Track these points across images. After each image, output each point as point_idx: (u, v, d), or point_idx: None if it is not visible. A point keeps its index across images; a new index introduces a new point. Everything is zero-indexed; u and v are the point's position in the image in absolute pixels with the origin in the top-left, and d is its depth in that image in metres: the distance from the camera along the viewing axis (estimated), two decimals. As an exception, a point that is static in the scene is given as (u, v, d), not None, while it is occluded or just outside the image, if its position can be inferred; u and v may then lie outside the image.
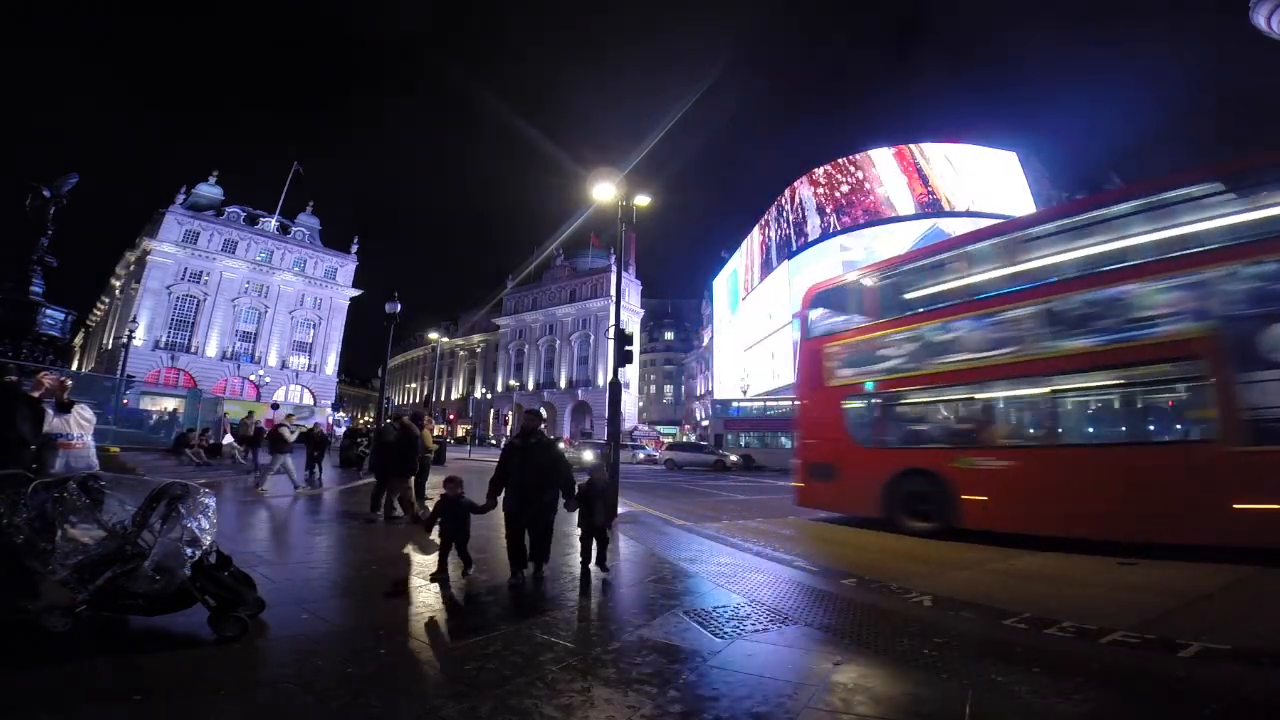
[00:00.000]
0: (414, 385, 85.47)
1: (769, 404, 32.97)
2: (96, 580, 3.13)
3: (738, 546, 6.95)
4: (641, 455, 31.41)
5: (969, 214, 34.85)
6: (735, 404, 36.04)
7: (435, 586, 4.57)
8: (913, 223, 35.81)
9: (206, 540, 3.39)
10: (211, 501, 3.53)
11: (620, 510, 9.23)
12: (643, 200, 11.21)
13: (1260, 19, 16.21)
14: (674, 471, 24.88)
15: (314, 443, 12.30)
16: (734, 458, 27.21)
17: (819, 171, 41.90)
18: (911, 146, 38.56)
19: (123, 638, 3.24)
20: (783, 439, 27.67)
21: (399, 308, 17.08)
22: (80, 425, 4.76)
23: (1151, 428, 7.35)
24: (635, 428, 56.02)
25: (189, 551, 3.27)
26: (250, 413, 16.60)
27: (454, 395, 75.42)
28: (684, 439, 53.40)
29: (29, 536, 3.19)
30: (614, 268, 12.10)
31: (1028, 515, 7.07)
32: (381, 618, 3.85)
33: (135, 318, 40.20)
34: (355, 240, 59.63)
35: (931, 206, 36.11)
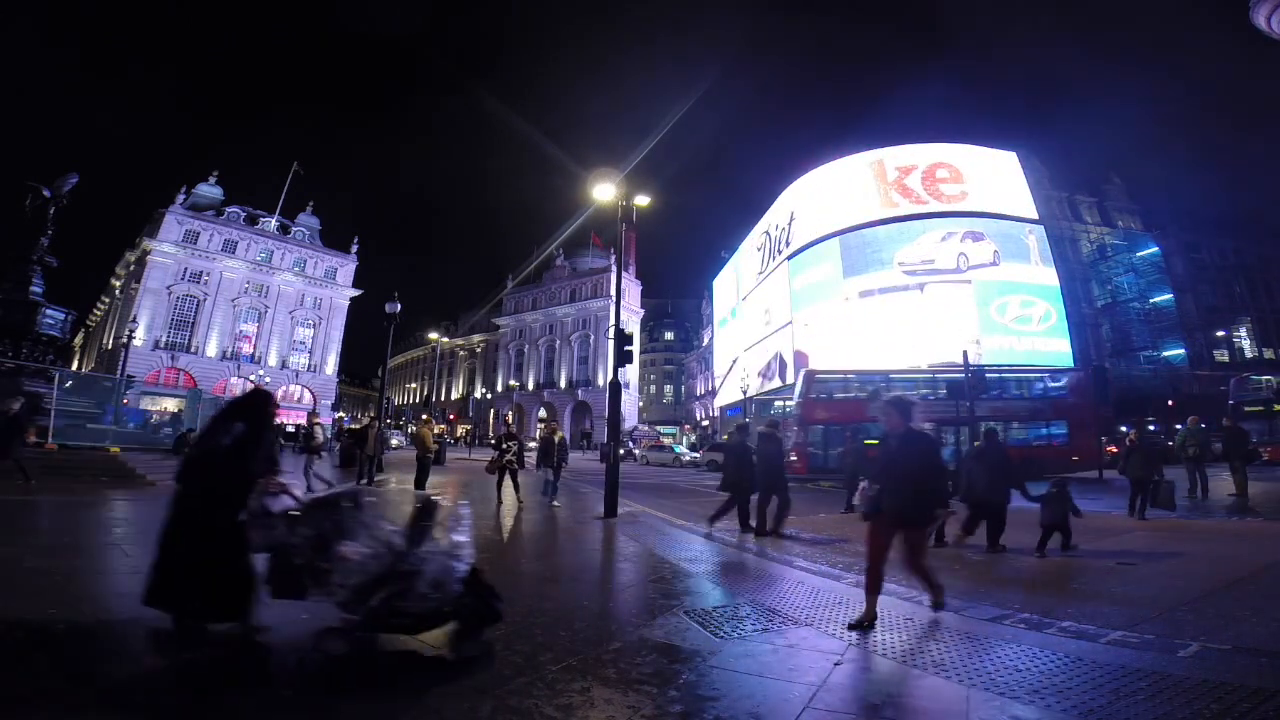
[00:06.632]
0: (414, 385, 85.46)
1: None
2: (371, 600, 3.05)
3: (738, 547, 6.95)
4: (686, 458, 30.76)
5: (971, 214, 34.87)
6: (779, 402, 32.18)
7: None
8: (913, 222, 35.79)
9: (467, 552, 3.38)
10: (467, 512, 3.55)
11: (620, 510, 9.23)
12: (642, 200, 11.22)
13: (1260, 19, 16.18)
14: (716, 471, 24.13)
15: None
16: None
17: (816, 172, 41.88)
18: (905, 147, 38.53)
19: (378, 660, 3.12)
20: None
21: (399, 308, 17.09)
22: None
23: None
24: (635, 428, 55.99)
25: (458, 565, 3.24)
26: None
27: (454, 395, 75.40)
28: (685, 439, 53.35)
29: (309, 558, 3.12)
30: (614, 268, 12.09)
31: None
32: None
33: (135, 318, 40.20)
34: (355, 240, 59.64)
35: (930, 206, 36.09)
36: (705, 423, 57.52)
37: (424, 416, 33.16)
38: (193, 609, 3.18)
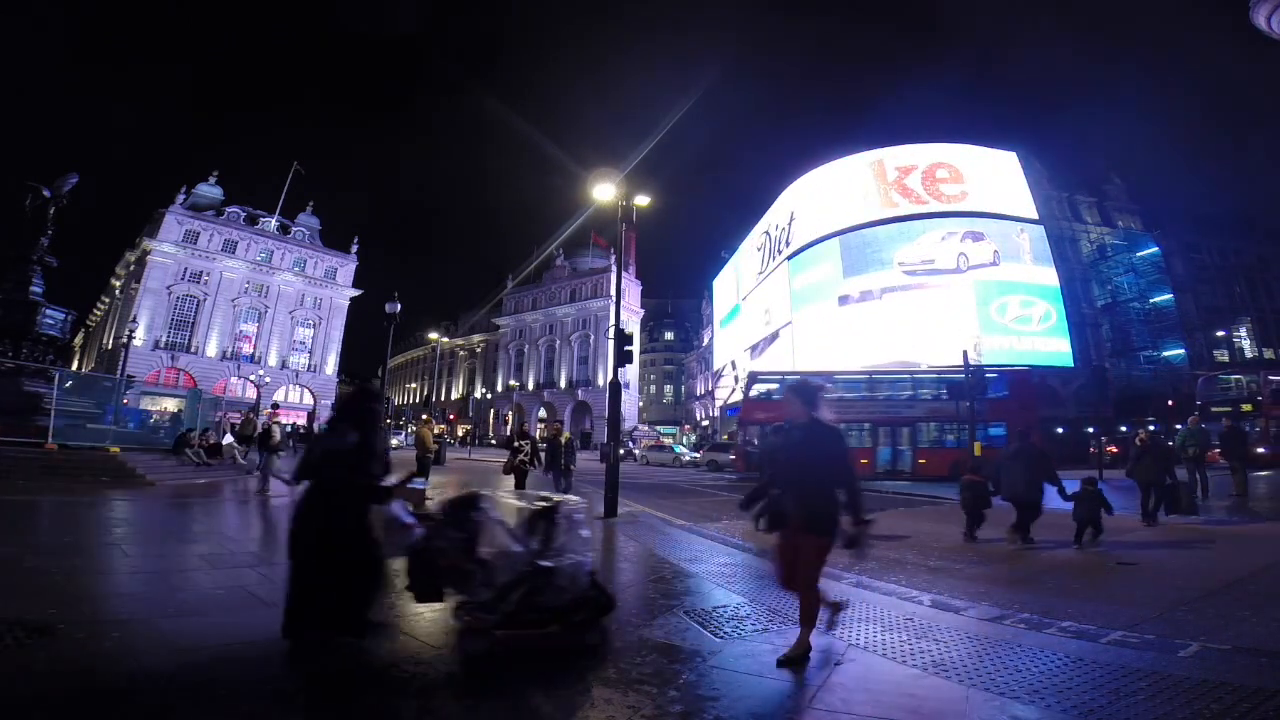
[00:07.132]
0: (414, 385, 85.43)
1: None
2: (510, 598, 3.08)
3: (738, 546, 6.95)
4: (686, 458, 30.73)
5: (971, 214, 34.90)
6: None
7: None
8: (914, 222, 35.82)
9: (589, 548, 3.49)
10: (583, 513, 3.64)
11: (620, 510, 9.23)
12: (643, 200, 11.21)
13: (1260, 19, 16.18)
14: (715, 471, 24.23)
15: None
16: None
17: (816, 172, 41.90)
18: (905, 147, 38.52)
19: (524, 654, 3.14)
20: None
21: (399, 308, 17.09)
22: None
23: None
24: (635, 428, 55.94)
25: (585, 560, 3.35)
26: (251, 411, 16.55)
27: (454, 395, 75.38)
28: (685, 438, 53.37)
29: (456, 560, 3.11)
30: (614, 268, 12.09)
31: None
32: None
33: (135, 318, 40.18)
34: (355, 240, 59.58)
35: (930, 206, 36.10)
36: (705, 423, 57.49)
37: (424, 416, 33.16)
38: (316, 620, 3.07)
